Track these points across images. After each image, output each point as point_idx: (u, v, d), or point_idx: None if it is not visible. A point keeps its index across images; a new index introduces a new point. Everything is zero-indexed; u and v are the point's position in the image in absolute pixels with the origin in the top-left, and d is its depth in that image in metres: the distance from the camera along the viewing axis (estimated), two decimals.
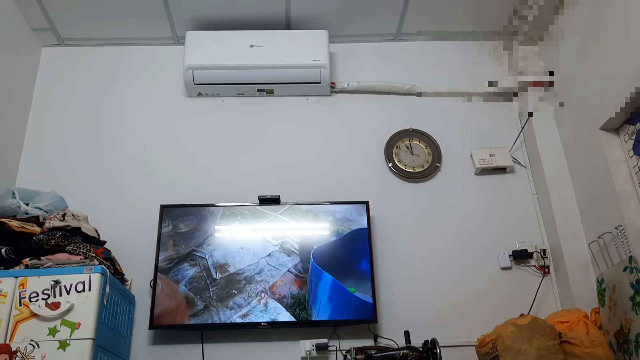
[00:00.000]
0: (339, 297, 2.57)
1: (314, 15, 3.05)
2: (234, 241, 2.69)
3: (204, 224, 2.71)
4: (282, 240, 2.70)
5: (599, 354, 2.20)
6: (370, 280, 2.58)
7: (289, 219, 2.73)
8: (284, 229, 2.70)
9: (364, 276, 2.61)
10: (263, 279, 2.61)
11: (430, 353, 2.19)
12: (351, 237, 2.70)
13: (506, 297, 2.67)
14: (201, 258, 2.65)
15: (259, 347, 2.56)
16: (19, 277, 2.16)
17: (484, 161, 2.91)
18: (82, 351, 2.04)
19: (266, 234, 2.70)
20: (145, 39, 3.17)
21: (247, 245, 2.68)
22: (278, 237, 2.70)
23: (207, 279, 2.61)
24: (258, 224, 2.72)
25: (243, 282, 2.61)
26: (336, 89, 3.10)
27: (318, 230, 2.71)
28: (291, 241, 2.70)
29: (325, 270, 2.62)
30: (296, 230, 2.70)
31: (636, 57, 2.24)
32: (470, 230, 2.82)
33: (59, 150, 2.94)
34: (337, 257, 2.66)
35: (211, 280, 2.60)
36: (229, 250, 2.67)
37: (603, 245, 2.49)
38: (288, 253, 2.67)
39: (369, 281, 2.60)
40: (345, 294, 2.57)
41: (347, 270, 2.62)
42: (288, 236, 2.70)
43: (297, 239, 2.69)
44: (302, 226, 2.71)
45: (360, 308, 2.54)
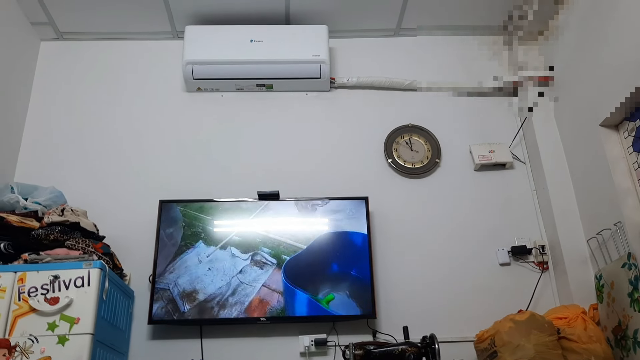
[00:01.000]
0: (317, 312, 2.53)
1: (314, 10, 3.04)
2: (199, 264, 2.56)
3: (164, 248, 2.56)
4: (252, 252, 2.59)
5: (596, 349, 2.20)
6: (370, 275, 2.58)
7: (271, 217, 2.67)
8: (258, 233, 2.63)
9: (343, 279, 2.56)
10: (238, 301, 2.50)
11: (428, 348, 2.19)
12: (323, 240, 2.63)
13: (505, 293, 2.67)
14: (163, 290, 2.51)
15: (258, 342, 2.56)
16: (18, 272, 2.16)
17: (484, 157, 2.91)
18: (81, 346, 2.04)
19: (235, 250, 2.59)
20: (144, 33, 3.16)
21: (215, 266, 2.56)
22: (249, 249, 2.59)
23: (174, 313, 2.47)
24: (245, 218, 2.67)
25: (216, 308, 2.48)
26: (336, 84, 3.09)
27: (293, 240, 2.63)
28: (262, 252, 2.59)
29: (299, 288, 2.53)
30: (272, 235, 2.62)
31: (635, 53, 2.24)
32: (469, 226, 2.82)
33: (57, 145, 2.94)
34: (311, 267, 2.57)
35: (179, 315, 2.47)
36: (195, 274, 2.54)
37: (602, 242, 2.49)
38: (260, 266, 2.57)
39: (347, 282, 2.56)
40: (322, 310, 2.52)
41: (323, 277, 2.56)
42: (268, 240, 2.60)
43: (267, 250, 2.58)
44: (282, 228, 2.65)
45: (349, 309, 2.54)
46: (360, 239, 2.66)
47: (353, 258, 2.63)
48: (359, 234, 2.67)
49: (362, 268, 2.61)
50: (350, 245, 2.65)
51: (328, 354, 2.55)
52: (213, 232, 2.65)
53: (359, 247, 2.65)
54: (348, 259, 2.63)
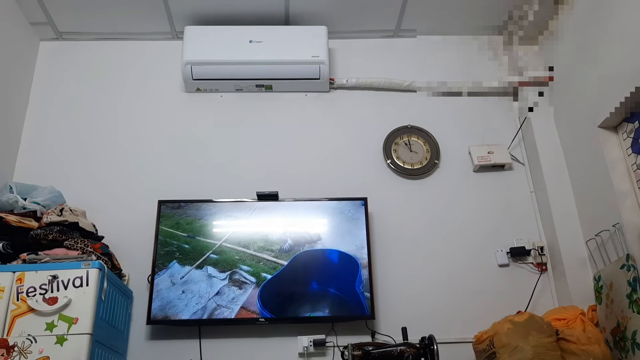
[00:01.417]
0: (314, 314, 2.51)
1: (313, 11, 3.04)
2: (172, 286, 2.48)
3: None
4: (230, 271, 2.52)
5: (595, 351, 2.20)
6: (368, 276, 2.58)
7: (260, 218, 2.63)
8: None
9: (323, 297, 2.53)
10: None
11: (427, 349, 2.19)
12: (303, 258, 2.58)
13: (503, 294, 2.67)
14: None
15: (256, 342, 2.56)
16: (17, 271, 2.16)
17: (483, 158, 2.91)
18: (80, 346, 2.04)
19: (212, 270, 2.52)
20: (143, 33, 3.16)
21: (189, 288, 2.48)
22: (227, 267, 2.51)
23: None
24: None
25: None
26: (335, 85, 3.09)
27: (273, 255, 2.57)
28: (240, 271, 2.51)
29: (274, 314, 2.47)
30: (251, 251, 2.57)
31: (634, 55, 2.24)
32: (468, 227, 2.82)
33: (56, 145, 2.93)
34: (291, 287, 2.52)
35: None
36: (167, 299, 2.47)
37: (600, 243, 2.49)
38: (239, 285, 2.49)
39: (327, 301, 2.52)
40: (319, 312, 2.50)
41: (302, 298, 2.51)
42: (247, 257, 2.52)
43: (246, 268, 2.52)
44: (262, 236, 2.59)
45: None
46: (337, 256, 2.62)
47: (332, 275, 2.59)
48: (336, 251, 2.63)
49: (342, 285, 2.56)
50: (329, 262, 2.61)
51: (327, 354, 2.55)
52: (188, 251, 2.58)
53: (336, 264, 2.61)
54: (328, 276, 2.58)
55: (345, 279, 2.58)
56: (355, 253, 2.64)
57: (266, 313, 2.49)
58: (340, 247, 2.64)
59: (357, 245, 2.65)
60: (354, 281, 2.57)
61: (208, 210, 2.68)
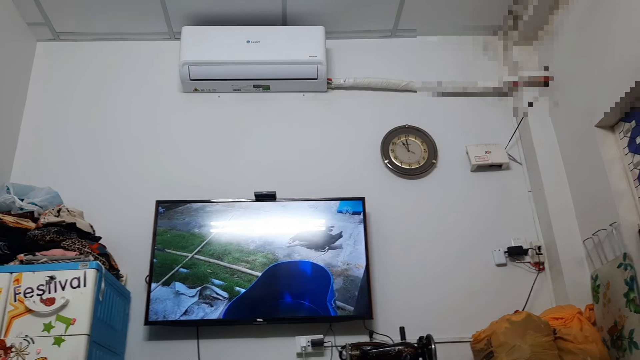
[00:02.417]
0: (313, 313, 2.49)
1: (311, 11, 3.04)
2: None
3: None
4: (200, 286, 2.45)
5: (592, 350, 2.21)
6: (366, 275, 2.58)
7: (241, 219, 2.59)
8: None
9: (298, 310, 2.51)
10: None
11: (425, 349, 2.20)
12: (274, 272, 2.53)
13: (501, 294, 2.67)
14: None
15: (254, 343, 2.56)
16: (14, 272, 2.15)
17: (480, 158, 2.92)
18: (77, 347, 2.04)
19: (180, 286, 2.45)
20: (141, 34, 3.16)
21: (154, 308, 2.41)
22: (197, 283, 2.43)
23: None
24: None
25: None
26: (332, 85, 3.09)
27: (249, 267, 2.51)
28: (212, 286, 2.42)
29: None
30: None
31: (631, 55, 2.25)
32: (466, 226, 2.83)
33: (54, 146, 2.93)
34: (262, 302, 2.47)
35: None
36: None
37: (597, 242, 2.49)
38: (210, 302, 2.43)
39: (301, 314, 2.49)
40: (318, 311, 2.48)
41: (275, 310, 2.48)
42: (220, 270, 2.44)
43: (219, 282, 2.44)
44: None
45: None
46: (309, 268, 2.58)
47: (306, 287, 2.55)
48: (308, 262, 2.59)
49: (315, 297, 2.53)
50: (302, 274, 2.57)
51: (325, 354, 2.55)
52: (156, 266, 2.50)
53: (309, 276, 2.57)
54: (301, 288, 2.55)
55: (317, 292, 2.54)
56: (348, 258, 2.61)
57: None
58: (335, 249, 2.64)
59: (353, 249, 2.65)
60: (325, 294, 2.53)
61: (181, 219, 2.60)
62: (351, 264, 2.61)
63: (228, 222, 2.65)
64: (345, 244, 2.65)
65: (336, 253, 2.62)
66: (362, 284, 2.57)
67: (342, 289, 2.55)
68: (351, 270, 2.60)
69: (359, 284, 2.57)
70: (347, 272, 2.59)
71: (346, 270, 2.60)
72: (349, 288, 2.56)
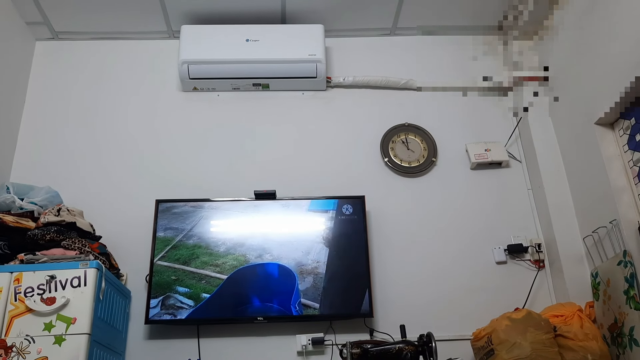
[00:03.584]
0: (311, 312, 2.49)
1: (310, 10, 3.04)
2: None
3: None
4: (163, 295, 2.40)
5: (593, 347, 2.21)
6: (367, 274, 2.59)
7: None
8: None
9: (270, 313, 2.48)
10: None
11: (425, 347, 2.19)
12: (241, 275, 2.48)
13: (501, 291, 2.68)
14: None
15: (255, 341, 2.56)
16: (14, 272, 2.15)
17: (480, 156, 2.92)
18: (78, 346, 2.04)
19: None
20: (140, 33, 3.15)
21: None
22: (159, 292, 2.37)
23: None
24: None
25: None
26: (332, 83, 3.09)
27: (217, 270, 2.45)
28: (175, 295, 2.35)
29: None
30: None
31: (630, 52, 2.25)
32: (466, 224, 2.83)
33: (53, 145, 2.93)
34: (228, 308, 2.43)
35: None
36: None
37: (597, 240, 2.50)
38: (173, 312, 2.39)
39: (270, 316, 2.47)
40: (318, 309, 2.47)
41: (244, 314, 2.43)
42: (185, 277, 2.36)
43: (184, 290, 2.39)
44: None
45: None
46: (276, 270, 2.57)
47: (274, 289, 2.53)
48: (275, 264, 2.57)
49: (283, 300, 2.52)
50: (269, 276, 2.55)
51: (325, 353, 2.55)
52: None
53: (276, 278, 2.55)
54: (269, 290, 2.52)
55: (284, 293, 2.52)
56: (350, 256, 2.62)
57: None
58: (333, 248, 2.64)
59: (354, 247, 2.65)
60: (290, 298, 2.51)
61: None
62: (320, 261, 2.59)
63: (197, 224, 2.60)
64: (315, 243, 2.63)
65: (306, 251, 2.61)
66: (323, 283, 2.55)
67: (312, 287, 2.54)
68: (320, 268, 2.58)
69: (322, 284, 2.55)
70: (316, 270, 2.58)
71: (316, 268, 2.58)
72: (317, 286, 2.55)
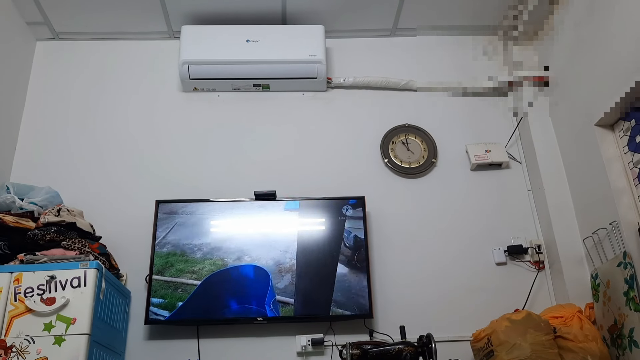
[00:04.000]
0: (314, 311, 2.50)
1: (310, 10, 3.04)
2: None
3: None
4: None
5: (592, 348, 2.21)
6: (366, 275, 2.59)
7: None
8: None
9: (250, 314, 2.48)
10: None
11: (425, 348, 2.19)
12: (216, 280, 2.48)
13: (501, 292, 2.68)
14: None
15: (254, 342, 2.56)
16: (14, 272, 2.15)
17: (480, 157, 2.92)
18: (78, 346, 2.04)
19: None
20: (140, 33, 3.15)
21: None
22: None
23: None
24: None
25: None
26: (332, 84, 3.09)
27: (195, 277, 2.45)
28: (150, 306, 2.33)
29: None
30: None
31: (631, 54, 2.25)
32: (466, 225, 2.83)
33: (54, 145, 2.93)
34: (205, 313, 2.42)
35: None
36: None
37: (597, 241, 2.50)
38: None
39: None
40: (318, 309, 2.48)
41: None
42: (160, 287, 2.33)
43: (158, 301, 2.35)
44: None
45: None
46: (252, 271, 2.55)
47: (251, 291, 2.52)
48: (250, 265, 2.56)
49: (260, 299, 2.51)
50: (245, 278, 2.54)
51: (325, 353, 2.55)
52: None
53: (252, 279, 2.54)
54: (246, 292, 2.51)
55: (260, 294, 2.51)
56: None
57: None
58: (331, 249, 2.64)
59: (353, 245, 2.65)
60: (264, 299, 2.50)
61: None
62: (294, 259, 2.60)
63: (171, 230, 2.57)
64: (290, 240, 2.63)
65: (285, 249, 2.61)
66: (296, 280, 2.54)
67: (290, 284, 2.54)
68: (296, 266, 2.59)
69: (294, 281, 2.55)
70: (293, 268, 2.58)
71: (293, 265, 2.58)
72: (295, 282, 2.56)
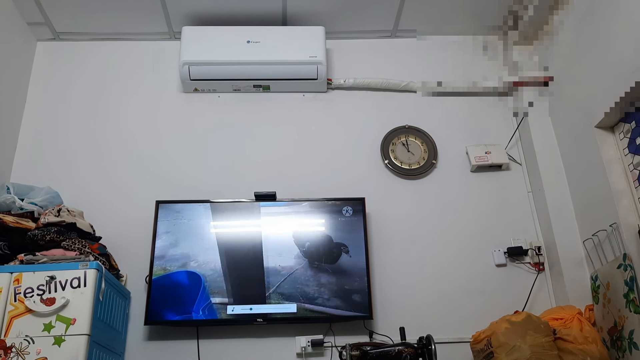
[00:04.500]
0: (312, 313, 2.51)
1: (311, 11, 3.04)
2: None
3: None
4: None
5: (592, 350, 2.21)
6: (366, 276, 2.59)
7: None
8: None
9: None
10: None
11: (425, 349, 2.20)
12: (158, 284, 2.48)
13: (501, 294, 2.68)
14: None
15: (254, 343, 2.56)
16: (14, 272, 2.15)
17: (480, 158, 2.92)
18: (78, 347, 2.04)
19: None
20: (141, 34, 3.16)
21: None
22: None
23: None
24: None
25: None
26: (332, 85, 3.10)
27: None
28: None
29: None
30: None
31: (631, 55, 2.25)
32: (466, 227, 2.83)
33: (54, 145, 2.93)
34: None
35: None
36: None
37: (597, 243, 2.50)
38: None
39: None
40: (318, 310, 2.49)
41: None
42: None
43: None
44: None
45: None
46: (185, 276, 2.54)
47: (189, 298, 2.51)
48: (183, 272, 2.55)
49: (196, 304, 2.51)
50: (181, 285, 2.53)
51: (324, 354, 2.55)
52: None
53: (187, 284, 2.53)
54: (184, 300, 2.50)
55: (192, 300, 2.50)
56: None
57: None
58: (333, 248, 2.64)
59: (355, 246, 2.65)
60: (192, 306, 2.49)
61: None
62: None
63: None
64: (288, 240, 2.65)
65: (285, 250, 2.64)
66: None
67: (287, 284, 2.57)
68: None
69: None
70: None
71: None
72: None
